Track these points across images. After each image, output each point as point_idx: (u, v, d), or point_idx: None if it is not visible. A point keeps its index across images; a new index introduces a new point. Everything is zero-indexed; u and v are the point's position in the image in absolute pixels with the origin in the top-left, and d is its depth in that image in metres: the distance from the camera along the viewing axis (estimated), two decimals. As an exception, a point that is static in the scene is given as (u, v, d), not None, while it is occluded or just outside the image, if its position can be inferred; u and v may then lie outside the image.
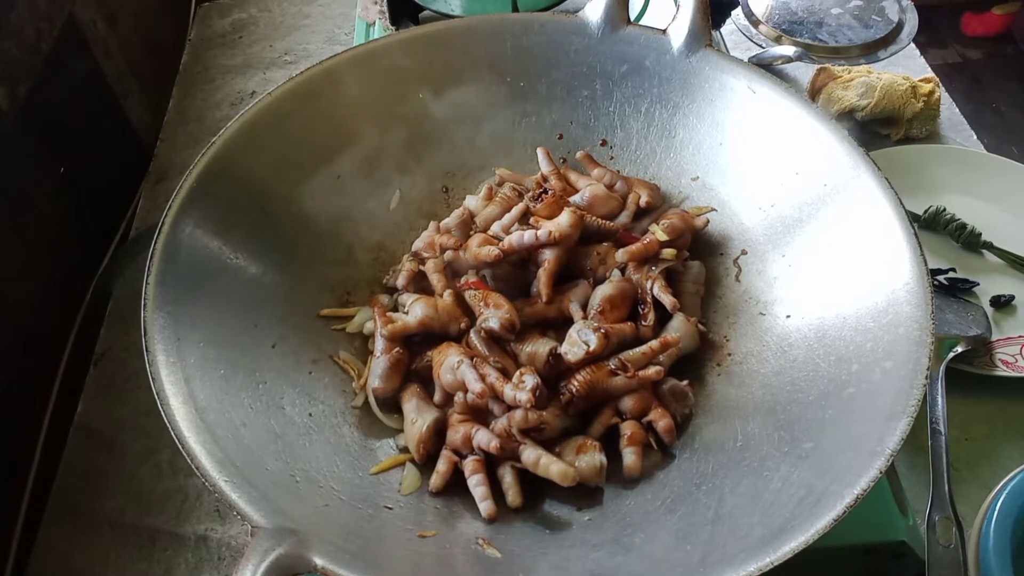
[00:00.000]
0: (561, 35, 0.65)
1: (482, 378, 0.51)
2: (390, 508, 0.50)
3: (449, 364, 0.53)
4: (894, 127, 0.83)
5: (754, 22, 0.94)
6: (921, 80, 0.85)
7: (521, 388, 0.49)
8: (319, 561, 0.40)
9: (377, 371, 0.55)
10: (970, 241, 0.74)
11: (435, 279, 0.59)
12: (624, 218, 0.62)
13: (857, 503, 0.40)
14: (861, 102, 0.82)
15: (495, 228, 0.60)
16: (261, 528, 0.41)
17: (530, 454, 0.50)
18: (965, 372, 0.64)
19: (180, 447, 0.44)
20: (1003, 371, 0.65)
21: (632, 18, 0.65)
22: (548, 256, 0.57)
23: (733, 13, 0.93)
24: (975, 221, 0.75)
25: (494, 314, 0.54)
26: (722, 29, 0.91)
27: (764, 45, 0.91)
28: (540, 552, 0.47)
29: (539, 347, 0.53)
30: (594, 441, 0.52)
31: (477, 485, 0.50)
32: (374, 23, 0.86)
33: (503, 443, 0.50)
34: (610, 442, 0.52)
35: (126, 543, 0.61)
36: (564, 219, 0.58)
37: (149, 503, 0.63)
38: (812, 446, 0.47)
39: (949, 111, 0.86)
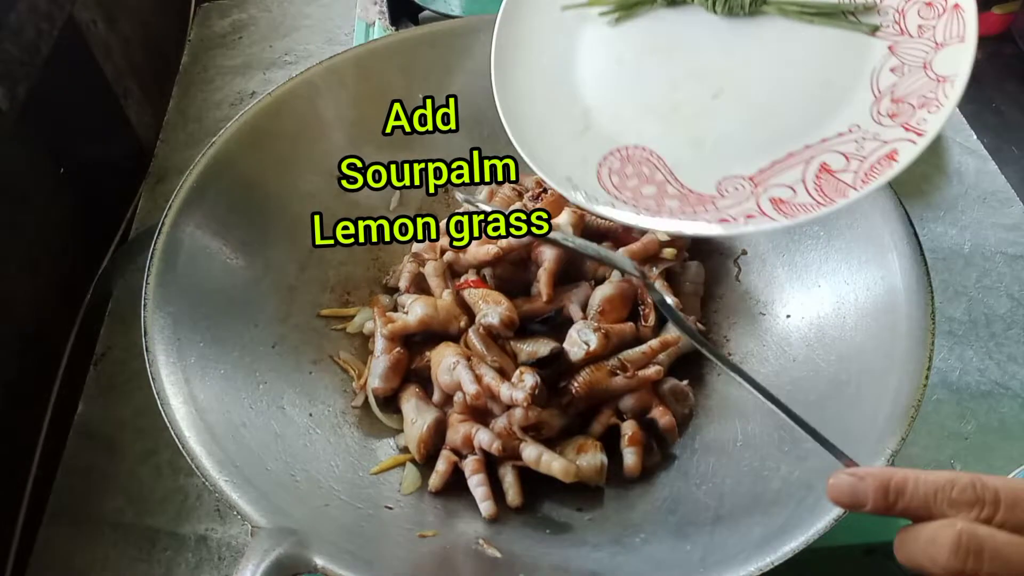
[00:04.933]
0: (561, 35, 0.65)
1: (478, 379, 0.51)
2: (390, 508, 0.50)
3: (446, 365, 0.53)
4: (894, 127, 0.83)
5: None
6: (921, 80, 0.85)
7: (520, 387, 0.49)
8: (319, 561, 0.40)
9: (377, 371, 0.55)
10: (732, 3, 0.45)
11: (435, 283, 0.59)
12: (624, 218, 0.62)
13: (857, 503, 0.40)
14: (861, 102, 0.82)
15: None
16: (261, 528, 0.41)
17: (531, 451, 0.50)
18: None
19: (180, 447, 0.44)
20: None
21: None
22: (548, 256, 0.57)
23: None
24: None
25: (493, 310, 0.54)
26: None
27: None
28: (540, 552, 0.47)
29: (539, 347, 0.53)
30: (595, 441, 0.52)
31: (478, 485, 0.50)
32: (374, 23, 0.86)
33: (505, 443, 0.50)
34: (610, 442, 0.52)
35: (126, 543, 0.61)
36: (563, 218, 0.58)
37: (149, 503, 0.63)
38: (812, 446, 0.46)
39: (949, 111, 0.86)
